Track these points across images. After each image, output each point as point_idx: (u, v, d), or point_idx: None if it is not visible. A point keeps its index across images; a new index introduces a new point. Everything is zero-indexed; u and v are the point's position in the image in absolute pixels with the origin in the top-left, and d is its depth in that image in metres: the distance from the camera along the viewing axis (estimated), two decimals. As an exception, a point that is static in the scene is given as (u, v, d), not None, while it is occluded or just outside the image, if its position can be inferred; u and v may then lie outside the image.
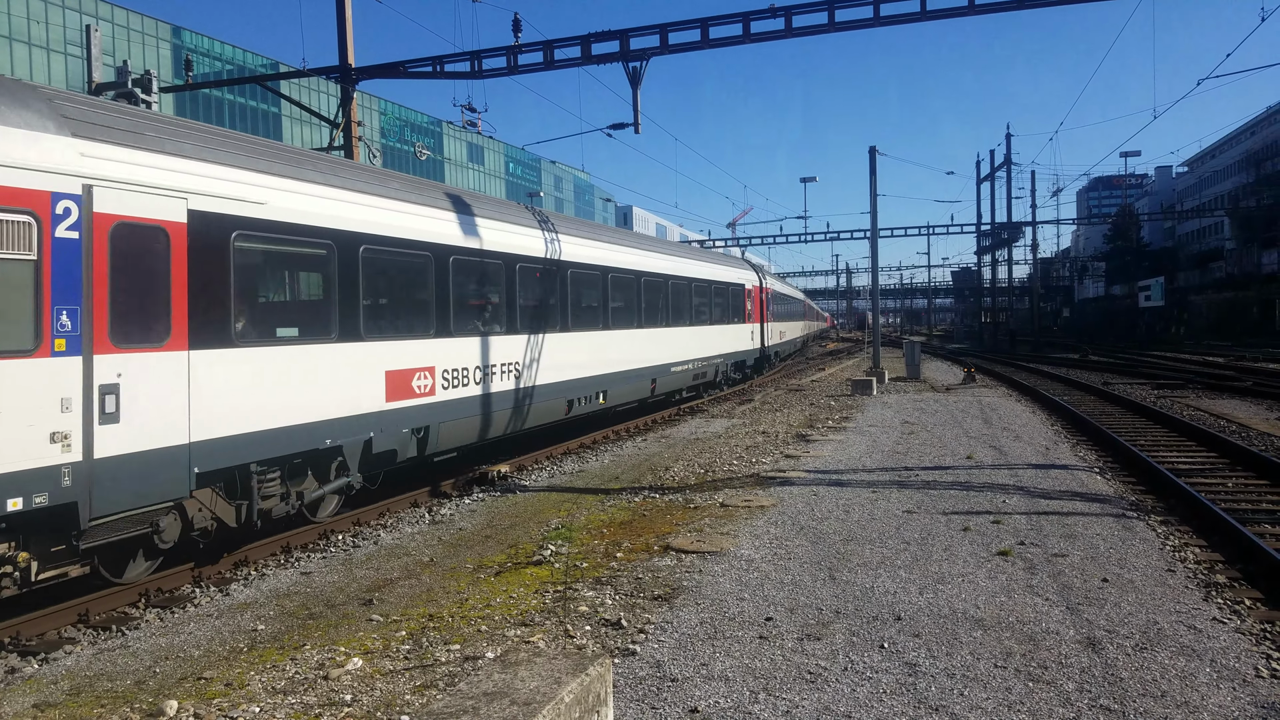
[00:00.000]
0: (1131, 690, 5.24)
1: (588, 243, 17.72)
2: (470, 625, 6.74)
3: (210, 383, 8.50)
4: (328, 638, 6.67)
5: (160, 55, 62.78)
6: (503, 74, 17.79)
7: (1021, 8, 15.01)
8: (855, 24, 15.90)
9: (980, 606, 6.80)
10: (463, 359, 12.78)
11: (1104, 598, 6.96)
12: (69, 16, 56.86)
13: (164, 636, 7.02)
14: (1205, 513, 9.61)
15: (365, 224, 10.84)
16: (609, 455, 16.11)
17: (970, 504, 10.53)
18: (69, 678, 6.17)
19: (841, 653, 5.92)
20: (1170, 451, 14.56)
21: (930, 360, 45.75)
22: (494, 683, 4.11)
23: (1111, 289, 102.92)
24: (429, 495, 12.96)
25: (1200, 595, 7.03)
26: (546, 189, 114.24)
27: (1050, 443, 15.57)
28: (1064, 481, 11.87)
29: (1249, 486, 11.67)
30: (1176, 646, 5.92)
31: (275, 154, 10.05)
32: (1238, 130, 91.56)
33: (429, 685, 5.56)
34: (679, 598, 7.18)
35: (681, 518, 10.20)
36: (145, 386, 7.84)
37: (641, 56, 16.50)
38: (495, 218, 14.35)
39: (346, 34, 18.89)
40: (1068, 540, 8.73)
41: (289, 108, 67.74)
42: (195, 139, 8.86)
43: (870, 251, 31.02)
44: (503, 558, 8.88)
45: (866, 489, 11.57)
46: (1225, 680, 5.38)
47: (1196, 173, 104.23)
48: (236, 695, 5.57)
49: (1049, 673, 5.52)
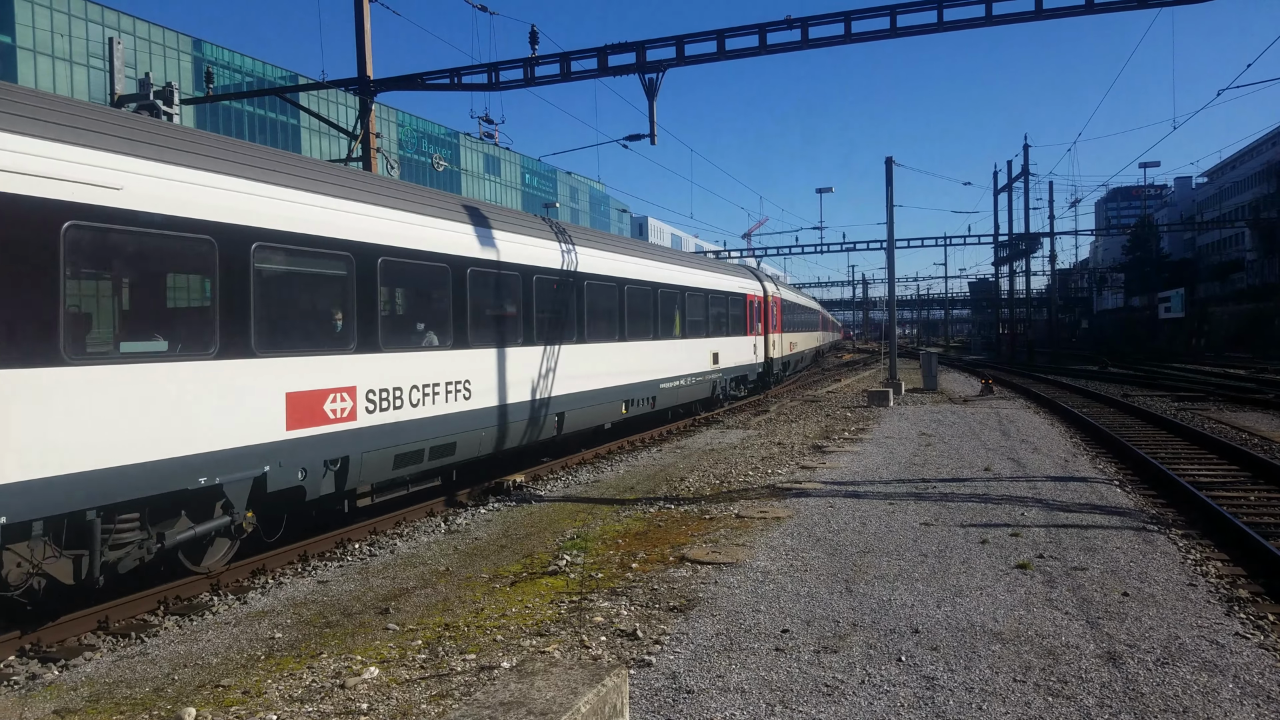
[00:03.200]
0: (1153, 705, 5.19)
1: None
2: (486, 635, 6.74)
3: (25, 410, 6.70)
4: (344, 646, 6.69)
5: (181, 67, 63.57)
6: (519, 86, 17.90)
7: (1040, 18, 14.98)
8: (872, 35, 15.92)
9: (999, 620, 6.75)
10: (392, 378, 10.95)
11: (1124, 612, 6.89)
12: (92, 30, 57.67)
13: (182, 644, 7.05)
14: (1227, 526, 9.51)
15: (261, 216, 8.98)
16: (624, 466, 16.10)
17: (988, 516, 10.46)
18: (89, 684, 6.21)
19: (858, 666, 5.88)
20: (1191, 464, 14.43)
21: (947, 371, 45.52)
22: (510, 693, 4.11)
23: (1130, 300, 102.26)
24: (444, 505, 12.99)
25: (1223, 610, 6.95)
26: (563, 200, 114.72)
27: (1069, 455, 15.45)
28: (1083, 494, 11.77)
29: (1272, 500, 11.54)
30: (1198, 661, 5.86)
31: (153, 133, 8.37)
32: (1258, 141, 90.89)
33: (445, 695, 5.56)
34: (695, 609, 7.16)
35: (697, 528, 10.18)
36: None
37: (658, 68, 16.56)
38: (434, 213, 12.27)
39: (365, 46, 19.05)
40: (1087, 553, 8.66)
41: (308, 119, 68.31)
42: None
43: (887, 262, 30.91)
44: (518, 567, 8.89)
45: (883, 501, 11.51)
46: (1249, 696, 5.31)
47: (1216, 183, 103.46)
48: (254, 703, 5.59)
49: (1069, 687, 5.46)
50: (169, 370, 7.94)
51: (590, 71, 17.27)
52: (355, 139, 19.95)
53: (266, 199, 9.13)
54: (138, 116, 8.67)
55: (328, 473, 9.90)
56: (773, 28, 16.18)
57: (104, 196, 7.36)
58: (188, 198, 8.18)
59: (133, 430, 7.54)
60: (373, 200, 10.88)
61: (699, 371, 23.04)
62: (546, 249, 15.28)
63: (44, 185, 6.89)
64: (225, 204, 8.60)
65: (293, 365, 9.30)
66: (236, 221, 8.69)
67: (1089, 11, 14.81)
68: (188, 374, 8.11)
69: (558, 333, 15.32)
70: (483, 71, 18.19)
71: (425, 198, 12.43)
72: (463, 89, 18.47)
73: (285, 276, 9.45)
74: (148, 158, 7.90)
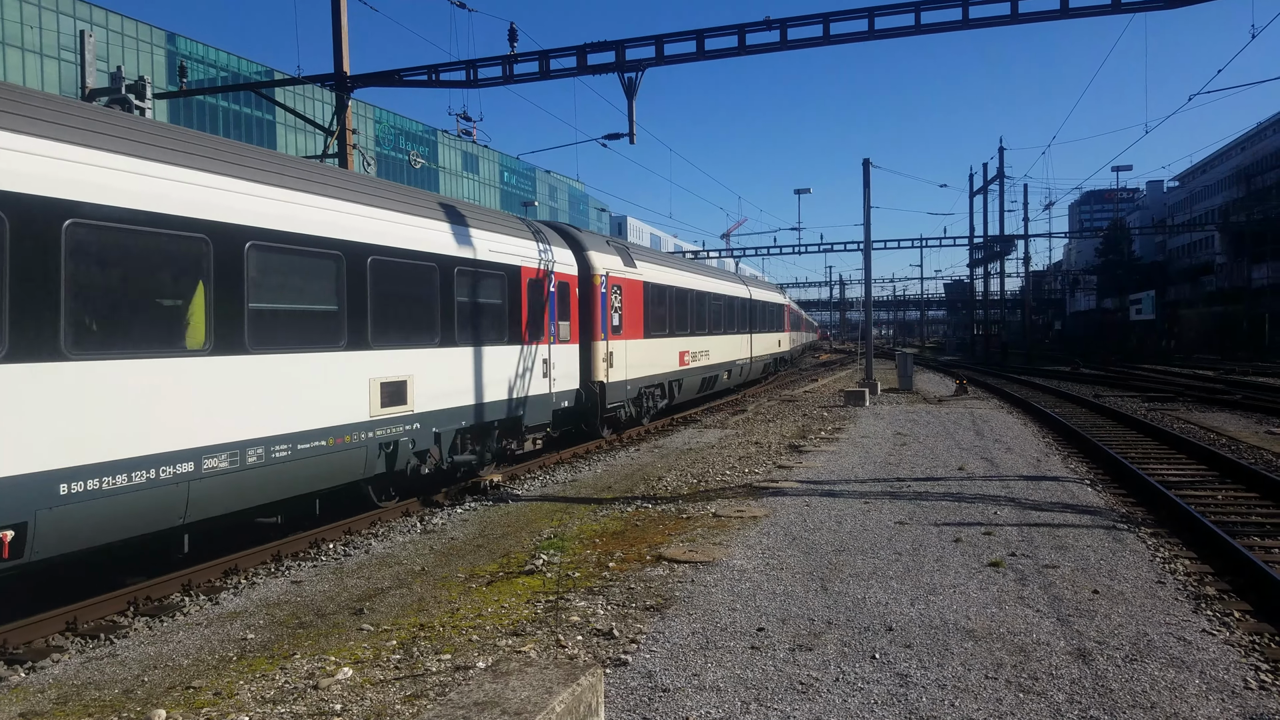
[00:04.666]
0: (1121, 701, 5.25)
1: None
2: (461, 635, 6.72)
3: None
4: (318, 647, 6.65)
5: (155, 62, 62.78)
6: (498, 83, 17.84)
7: (1016, 22, 15.12)
8: (850, 37, 15.99)
9: (971, 617, 6.81)
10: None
11: (1094, 609, 6.98)
12: (63, 22, 56.83)
13: (153, 645, 6.98)
14: (1195, 525, 9.64)
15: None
16: (602, 465, 16.09)
17: (962, 515, 10.54)
18: (56, 686, 6.13)
19: (833, 663, 5.91)
20: (1161, 464, 14.61)
21: (922, 372, 45.84)
22: (485, 692, 4.10)
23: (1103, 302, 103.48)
24: (420, 504, 12.93)
25: (1190, 607, 7.05)
26: (541, 199, 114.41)
27: (1041, 455, 15.61)
28: (1055, 493, 11.89)
29: (1239, 499, 11.72)
30: (1166, 658, 5.94)
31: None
32: (1228, 145, 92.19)
33: (420, 695, 5.53)
34: (671, 608, 7.17)
35: (674, 528, 10.19)
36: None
37: (637, 67, 16.56)
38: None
39: (342, 42, 18.93)
40: (1059, 552, 8.75)
41: (284, 115, 67.76)
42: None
43: (864, 263, 31.07)
44: (495, 567, 8.86)
45: (859, 500, 11.58)
46: (1214, 692, 5.39)
47: (1187, 187, 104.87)
48: (225, 704, 5.54)
49: (1040, 684, 5.52)
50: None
51: (569, 70, 17.24)
52: (332, 135, 19.82)
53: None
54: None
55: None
56: (752, 28, 16.22)
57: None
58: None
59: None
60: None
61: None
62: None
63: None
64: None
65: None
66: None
67: (1064, 16, 14.96)
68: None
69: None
70: (461, 68, 18.12)
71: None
72: (441, 86, 18.39)
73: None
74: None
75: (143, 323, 8.10)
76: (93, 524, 7.59)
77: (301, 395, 9.95)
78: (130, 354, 7.92)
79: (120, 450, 7.78)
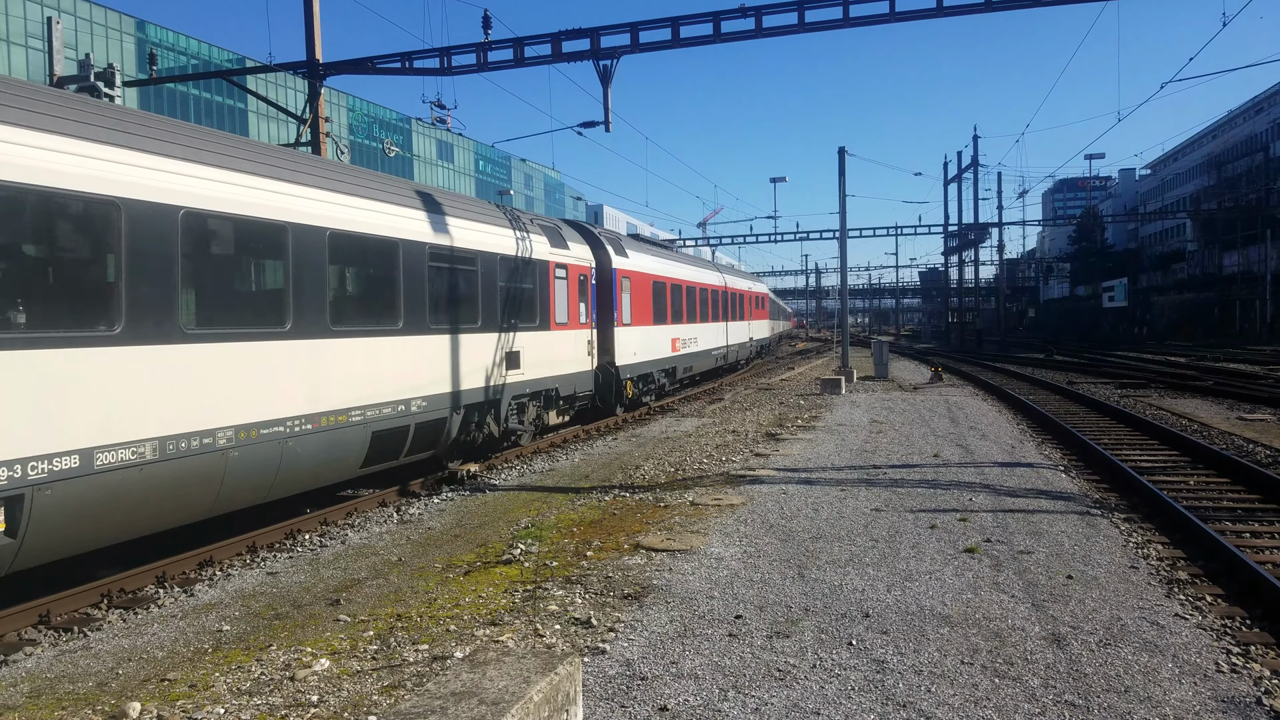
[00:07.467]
0: (1095, 686, 5.31)
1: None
2: (439, 625, 6.69)
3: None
4: (294, 638, 6.60)
5: (124, 49, 61.83)
6: (472, 71, 17.71)
7: (990, 10, 15.17)
8: (825, 25, 16.01)
9: (947, 603, 6.86)
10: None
11: (1069, 594, 7.05)
12: (30, 9, 55.84)
13: (127, 638, 6.91)
14: (1167, 510, 9.76)
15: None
16: (579, 454, 16.08)
17: (937, 502, 10.62)
18: (29, 680, 6.05)
19: (810, 650, 5.94)
20: (1133, 450, 14.78)
21: (898, 360, 46.12)
22: (462, 682, 4.08)
23: (1076, 290, 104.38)
24: (397, 495, 12.86)
25: (1163, 592, 7.14)
26: (517, 187, 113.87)
27: (1016, 441, 15.75)
28: (1029, 479, 12.01)
29: (1210, 484, 11.87)
30: (1139, 642, 6.01)
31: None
32: (1200, 134, 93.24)
33: (397, 685, 5.51)
34: (649, 596, 7.17)
35: (652, 516, 10.20)
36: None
37: (612, 55, 16.49)
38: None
39: (314, 29, 18.71)
40: (1033, 537, 8.84)
41: (256, 103, 66.95)
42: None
43: (839, 251, 31.19)
44: (472, 557, 8.83)
45: (835, 487, 11.64)
46: (1187, 675, 5.46)
47: (1159, 175, 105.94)
48: (201, 696, 5.50)
49: (1015, 669, 5.58)
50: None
51: (544, 57, 17.14)
52: (305, 123, 19.60)
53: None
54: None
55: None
56: (727, 16, 16.21)
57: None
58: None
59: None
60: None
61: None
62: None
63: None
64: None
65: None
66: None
67: (1036, 5, 15.04)
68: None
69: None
70: (434, 56, 17.97)
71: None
72: (414, 73, 18.24)
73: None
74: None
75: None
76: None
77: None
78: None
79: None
